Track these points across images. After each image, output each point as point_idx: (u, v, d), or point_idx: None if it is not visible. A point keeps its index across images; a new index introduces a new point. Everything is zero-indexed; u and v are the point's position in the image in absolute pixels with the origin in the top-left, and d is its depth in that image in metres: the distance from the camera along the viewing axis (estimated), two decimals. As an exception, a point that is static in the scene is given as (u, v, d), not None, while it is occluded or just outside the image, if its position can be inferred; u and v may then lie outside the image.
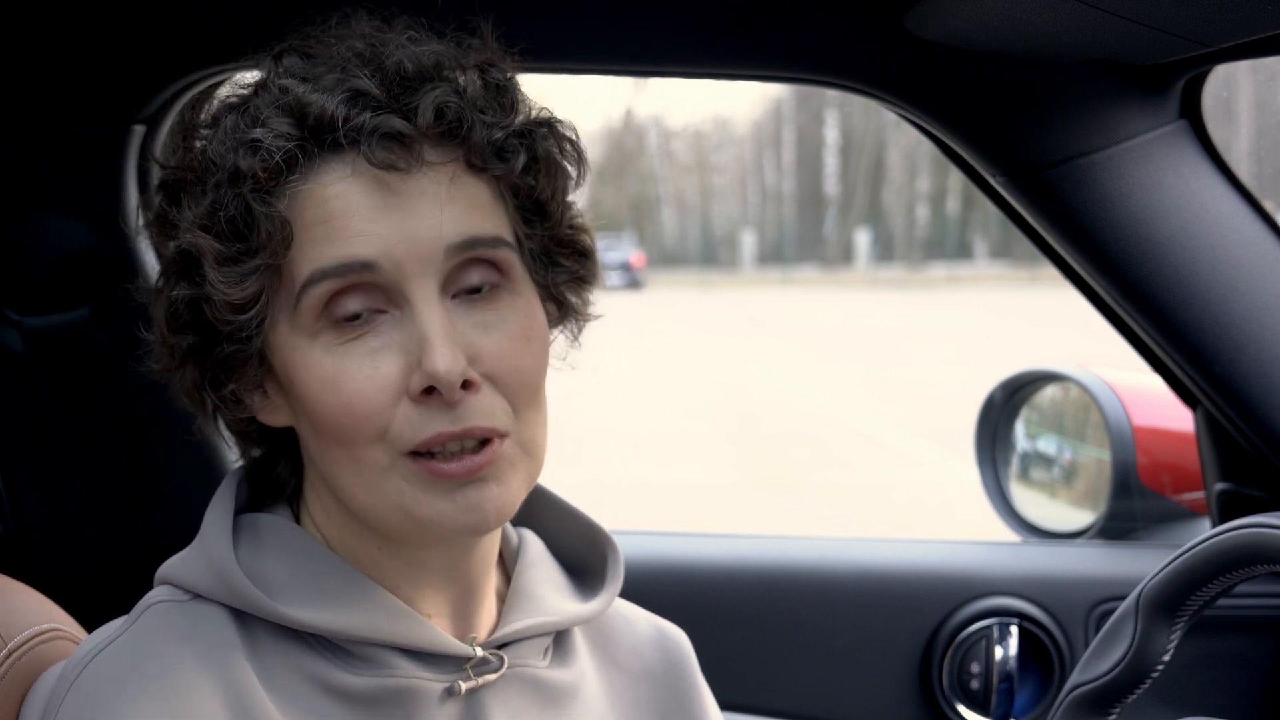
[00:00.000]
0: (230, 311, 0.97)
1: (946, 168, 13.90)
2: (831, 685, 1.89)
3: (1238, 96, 31.82)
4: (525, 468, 1.01)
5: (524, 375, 0.99)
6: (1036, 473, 2.35)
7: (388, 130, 0.94)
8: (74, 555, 1.66)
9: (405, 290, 0.95)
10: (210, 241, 0.96)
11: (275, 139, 0.94)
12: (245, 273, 0.96)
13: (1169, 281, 1.64)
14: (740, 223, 56.90)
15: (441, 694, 1.02)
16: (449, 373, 0.93)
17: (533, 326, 1.00)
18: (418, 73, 0.97)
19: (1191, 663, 1.84)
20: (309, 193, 0.95)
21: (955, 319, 25.86)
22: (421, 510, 0.97)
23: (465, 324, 0.97)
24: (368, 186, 0.95)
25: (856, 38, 1.57)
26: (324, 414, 0.96)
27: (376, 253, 0.94)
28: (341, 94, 0.95)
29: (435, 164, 0.96)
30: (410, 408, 0.95)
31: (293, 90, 0.97)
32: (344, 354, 0.95)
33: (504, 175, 1.00)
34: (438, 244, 0.95)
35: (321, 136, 0.95)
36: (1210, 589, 1.22)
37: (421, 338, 0.94)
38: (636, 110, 61.03)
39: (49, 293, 1.60)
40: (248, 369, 1.01)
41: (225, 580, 0.99)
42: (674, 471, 9.94)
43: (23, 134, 1.56)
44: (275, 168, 0.94)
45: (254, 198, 0.95)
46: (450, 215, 0.96)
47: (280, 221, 0.95)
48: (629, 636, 1.19)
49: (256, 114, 0.97)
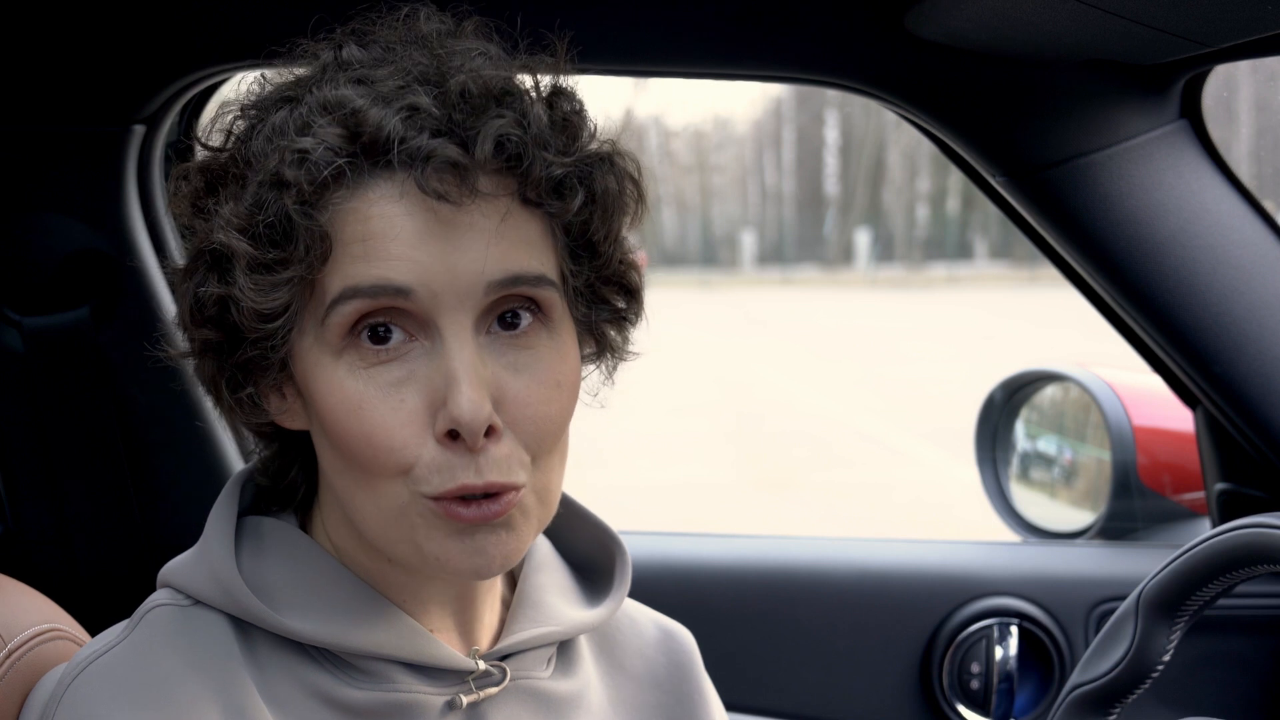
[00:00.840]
0: (257, 319, 0.93)
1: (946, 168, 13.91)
2: (831, 685, 1.89)
3: (1238, 96, 31.81)
4: (538, 514, 0.98)
5: (548, 423, 0.95)
6: (1036, 473, 2.35)
7: (444, 158, 0.89)
8: (73, 555, 1.66)
9: (438, 322, 0.91)
10: (245, 245, 0.92)
11: (325, 151, 0.90)
12: (277, 282, 0.92)
13: (1169, 281, 1.64)
14: (740, 223, 56.87)
15: (443, 708, 1.01)
16: (474, 419, 0.89)
17: (564, 371, 0.96)
18: (482, 97, 0.91)
19: (1191, 663, 1.84)
20: (354, 209, 0.91)
21: (955, 319, 25.86)
22: (431, 548, 0.95)
23: (496, 363, 0.93)
24: (414, 210, 0.90)
25: (856, 38, 1.57)
26: (344, 439, 0.93)
27: (414, 280, 0.90)
28: (399, 110, 0.90)
29: (489, 196, 0.91)
30: (436, 451, 0.91)
31: (347, 98, 0.91)
32: (368, 379, 0.92)
33: (559, 213, 0.95)
34: (479, 279, 0.91)
35: (374, 154, 0.90)
36: (1210, 589, 1.22)
37: (449, 375, 0.90)
38: (636, 110, 61.03)
39: (49, 293, 1.60)
40: (268, 374, 0.97)
41: (226, 589, 0.99)
42: (674, 471, 9.94)
43: (23, 134, 1.56)
44: (322, 183, 0.90)
45: (296, 209, 0.90)
46: (496, 252, 0.91)
47: (320, 235, 0.90)
48: (635, 640, 1.19)
49: (307, 118, 0.92)
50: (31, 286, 1.60)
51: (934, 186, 53.92)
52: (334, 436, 0.94)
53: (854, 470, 10.06)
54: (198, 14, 1.53)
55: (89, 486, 1.65)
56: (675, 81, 1.85)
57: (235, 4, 1.51)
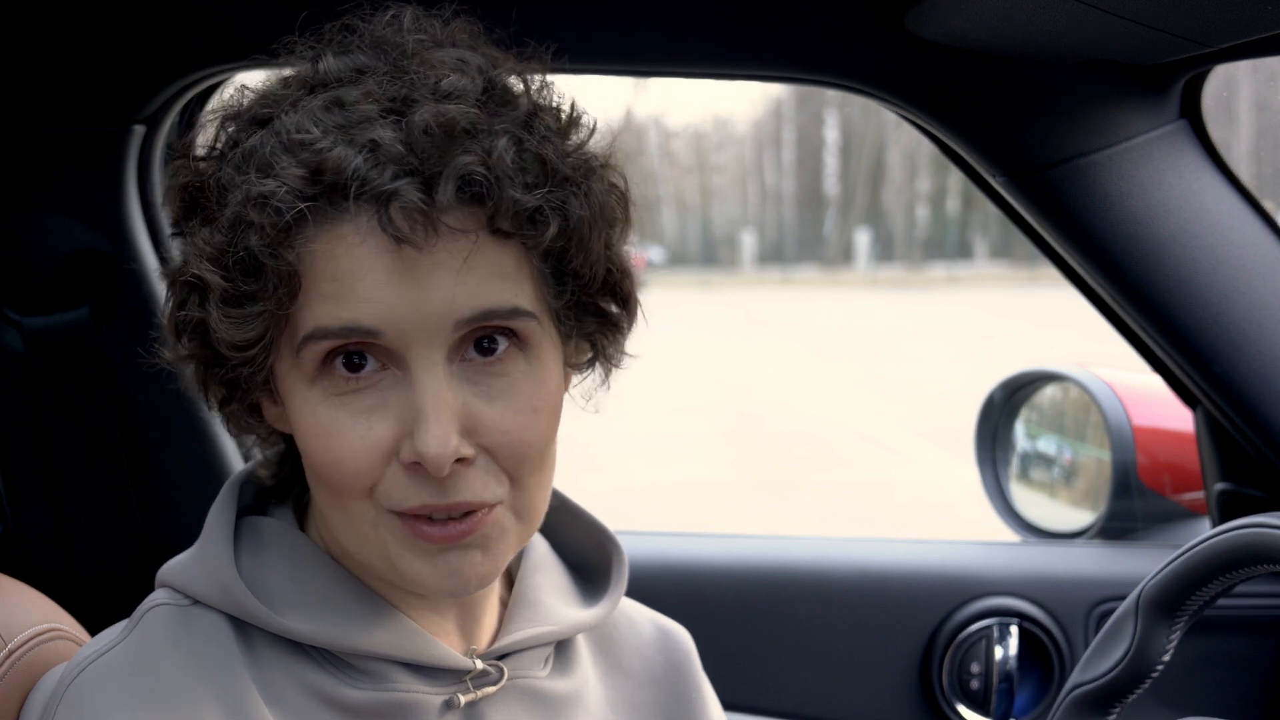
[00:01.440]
0: (232, 348, 0.95)
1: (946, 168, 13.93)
2: (831, 685, 1.89)
3: (1238, 96, 31.82)
4: (516, 532, 0.98)
5: (525, 449, 0.94)
6: (1036, 473, 2.35)
7: (406, 201, 0.88)
8: (73, 555, 1.66)
9: (407, 357, 0.91)
10: (217, 278, 0.92)
11: (286, 194, 0.89)
12: (249, 315, 0.92)
13: (1169, 281, 1.64)
14: (740, 223, 56.88)
15: (440, 707, 1.01)
16: (439, 455, 0.89)
17: (542, 397, 0.96)
18: (446, 134, 0.90)
19: (1191, 663, 1.84)
20: (322, 249, 0.91)
21: (955, 319, 25.85)
22: (403, 566, 0.95)
23: (469, 392, 0.93)
24: (380, 250, 0.89)
25: (856, 38, 1.57)
26: (314, 462, 0.95)
27: (381, 321, 0.90)
28: (361, 148, 0.89)
29: (456, 231, 0.90)
30: (400, 471, 0.92)
31: (310, 138, 0.90)
32: (339, 406, 0.92)
33: (534, 245, 0.94)
34: (448, 317, 0.91)
35: (335, 196, 0.90)
36: (1210, 589, 1.22)
37: (417, 409, 0.90)
38: (636, 110, 61.03)
39: (49, 293, 1.60)
40: (251, 390, 0.99)
41: (225, 589, 0.99)
42: (674, 471, 9.93)
43: (23, 134, 1.56)
44: (285, 226, 0.89)
45: (261, 249, 0.90)
46: (465, 289, 0.90)
47: (289, 274, 0.90)
48: (632, 639, 1.19)
49: (271, 156, 0.91)
50: (31, 286, 1.60)
51: (934, 186, 53.94)
52: (306, 458, 0.96)
53: (854, 470, 10.06)
54: (198, 14, 1.53)
55: (89, 486, 1.65)
56: (675, 81, 1.85)
57: (235, 4, 1.51)
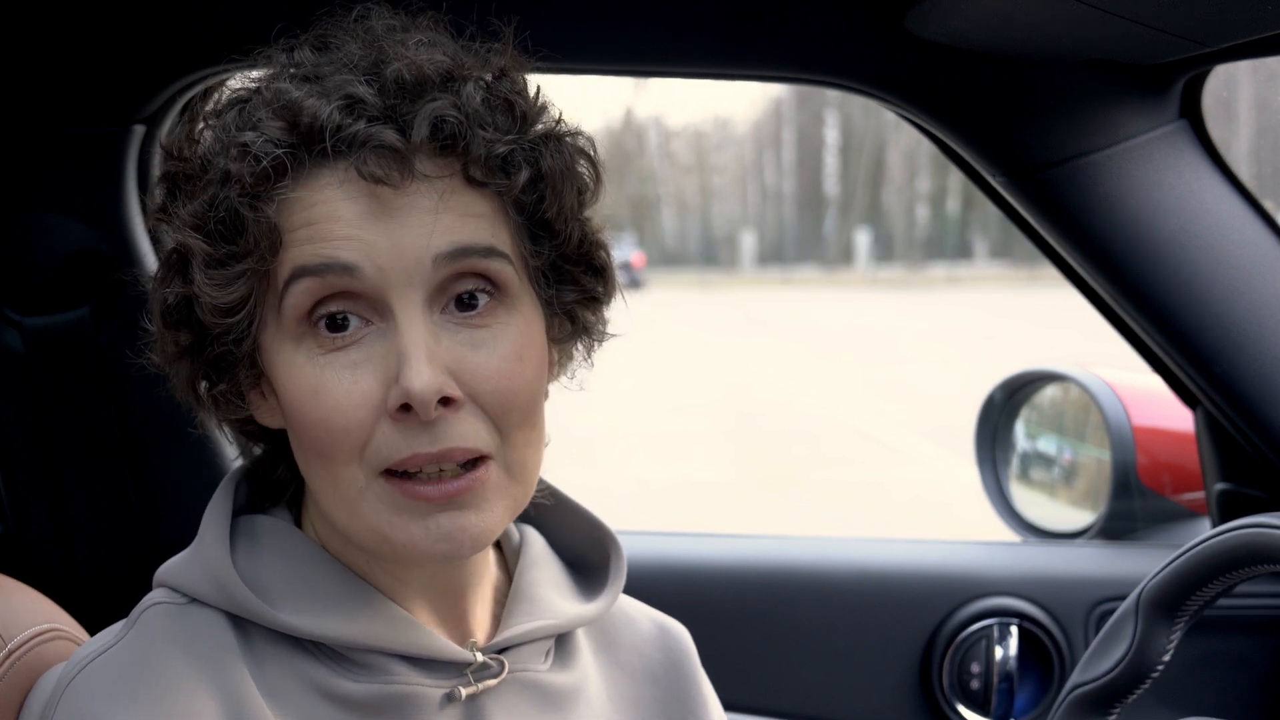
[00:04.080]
0: (217, 314, 0.96)
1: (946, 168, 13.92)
2: (831, 685, 1.89)
3: (1238, 96, 31.82)
4: (511, 493, 0.98)
5: (512, 397, 0.95)
6: (1036, 473, 2.35)
7: (380, 143, 0.91)
8: (73, 555, 1.66)
9: (389, 300, 0.93)
10: (200, 242, 0.95)
11: (265, 144, 0.92)
12: (232, 276, 0.95)
13: (1169, 281, 1.64)
14: (740, 223, 56.90)
15: (441, 700, 1.01)
16: (423, 390, 0.90)
17: (526, 345, 0.97)
18: (417, 82, 0.94)
19: (1191, 663, 1.84)
20: (299, 198, 0.94)
21: (955, 319, 25.85)
22: (395, 534, 0.95)
23: (452, 340, 0.94)
24: (357, 195, 0.93)
25: (856, 38, 1.57)
26: (304, 425, 0.95)
27: (359, 257, 0.92)
28: (337, 100, 0.93)
29: (430, 177, 0.93)
30: (389, 426, 0.93)
31: (288, 93, 0.94)
32: (325, 364, 0.93)
33: (505, 190, 0.96)
34: (425, 253, 0.93)
35: (313, 144, 0.93)
36: (1210, 589, 1.22)
37: (400, 351, 0.92)
38: (636, 110, 61.03)
39: (49, 293, 1.60)
40: (238, 370, 1.00)
41: (222, 586, 0.99)
42: (673, 470, 9.94)
43: (23, 134, 1.56)
44: (263, 173, 0.92)
45: (242, 202, 0.93)
46: (441, 226, 0.93)
47: (268, 226, 0.93)
48: (631, 636, 1.19)
49: (252, 115, 0.95)
50: (31, 286, 1.60)
51: (934, 186, 53.96)
52: (295, 423, 0.96)
53: (853, 469, 10.06)
54: (198, 14, 1.53)
55: (89, 486, 1.65)
56: (675, 81, 1.85)
57: (235, 4, 1.51)
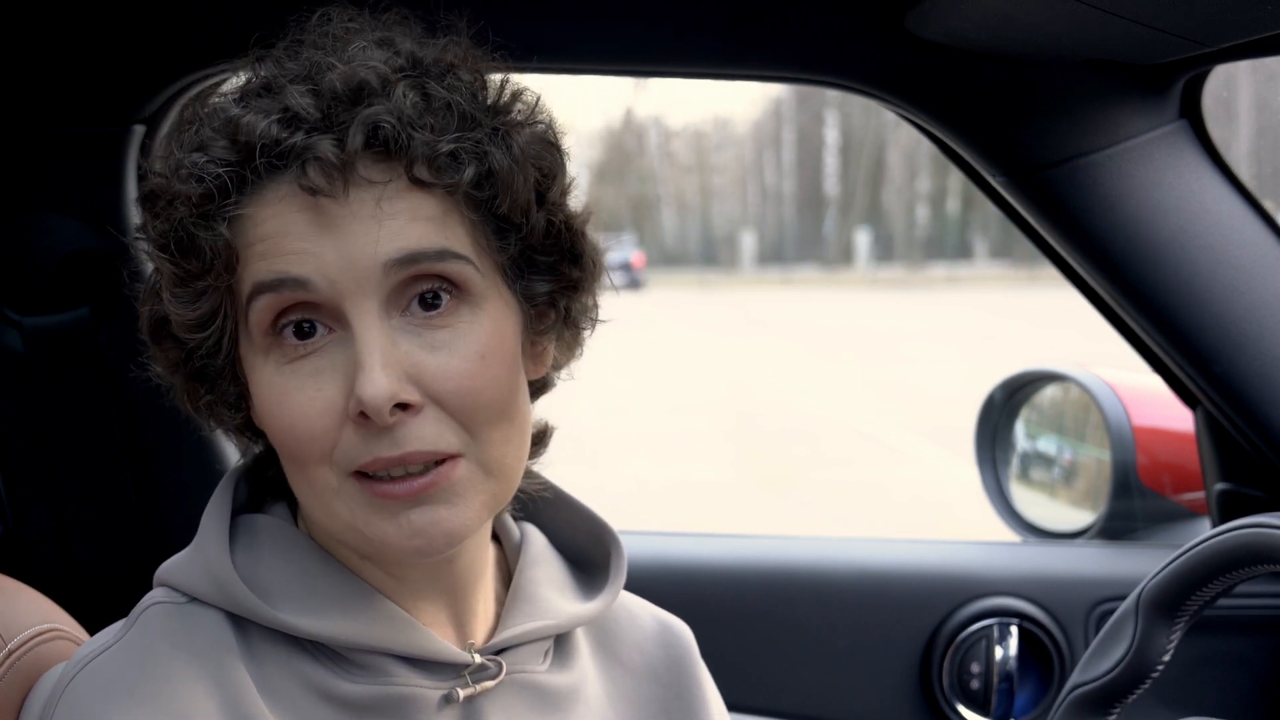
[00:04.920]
0: (187, 330, 0.98)
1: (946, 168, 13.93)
2: (831, 685, 1.89)
3: (1238, 96, 31.82)
4: (487, 488, 0.98)
5: (475, 395, 0.95)
6: (1036, 473, 2.35)
7: (317, 154, 0.92)
8: (73, 555, 1.66)
9: (343, 310, 0.94)
10: (165, 263, 0.97)
11: (207, 164, 0.94)
12: (195, 294, 0.97)
13: (1169, 281, 1.64)
14: (740, 223, 56.90)
15: (439, 701, 1.01)
16: (375, 397, 0.90)
17: (489, 344, 0.97)
18: (353, 89, 0.94)
19: (1191, 663, 1.84)
20: (250, 215, 0.95)
21: (955, 319, 25.85)
22: (370, 531, 0.96)
23: (411, 343, 0.94)
24: (303, 207, 0.93)
25: (856, 38, 1.57)
26: (273, 432, 0.97)
27: (310, 271, 0.93)
28: (275, 115, 0.94)
29: (375, 184, 0.94)
30: (352, 430, 0.94)
31: (228, 113, 0.96)
32: (290, 373, 0.95)
33: (453, 189, 0.96)
34: (374, 261, 0.93)
35: (254, 160, 0.94)
36: (1210, 589, 1.22)
37: (356, 359, 0.93)
38: (636, 110, 61.04)
39: (49, 293, 1.60)
40: (221, 381, 1.02)
41: (221, 585, 0.99)
42: (674, 470, 9.94)
43: (23, 134, 1.56)
44: (207, 193, 0.94)
45: (194, 222, 0.95)
46: (388, 232, 0.93)
47: (223, 244, 0.94)
48: (633, 632, 1.19)
49: (199, 135, 0.97)
50: (31, 286, 1.60)
51: (934, 186, 53.96)
52: (268, 430, 0.98)
53: (853, 469, 10.06)
54: (198, 14, 1.53)
55: (89, 486, 1.65)
56: (675, 81, 1.85)
57: (235, 4, 1.51)
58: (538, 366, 1.07)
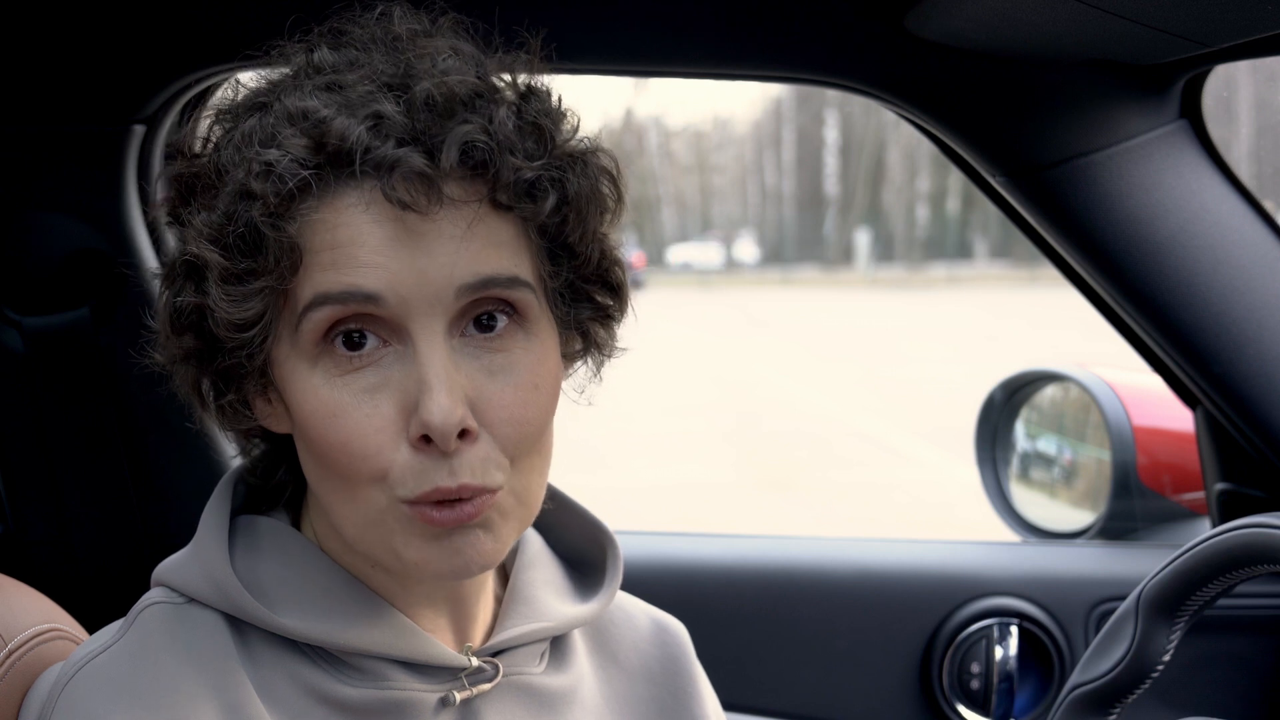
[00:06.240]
0: (231, 329, 0.93)
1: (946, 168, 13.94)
2: (831, 685, 1.89)
3: (1238, 96, 31.82)
4: (518, 515, 0.98)
5: (525, 427, 0.94)
6: (1036, 473, 2.35)
7: (409, 167, 0.89)
8: (73, 555, 1.66)
9: (409, 327, 0.91)
10: (217, 256, 0.92)
11: (290, 163, 0.90)
12: (249, 293, 0.92)
13: (1169, 281, 1.64)
14: (740, 223, 56.90)
15: (436, 705, 1.01)
16: (445, 424, 0.89)
17: (542, 374, 0.96)
18: (447, 102, 0.91)
19: (1191, 663, 1.84)
20: (322, 219, 0.91)
21: (955, 319, 25.85)
22: (409, 553, 0.95)
23: (471, 366, 0.93)
24: (382, 219, 0.90)
25: (856, 38, 1.57)
26: (321, 446, 0.93)
27: (383, 286, 0.90)
28: (364, 119, 0.90)
29: (458, 202, 0.91)
30: (410, 455, 0.92)
31: (313, 110, 0.92)
32: (343, 386, 0.92)
33: (531, 216, 0.94)
34: (449, 284, 0.91)
35: (340, 166, 0.90)
36: (1210, 589, 1.22)
37: (421, 380, 0.90)
38: (636, 110, 61.02)
39: (49, 293, 1.60)
40: (248, 381, 0.98)
41: (220, 587, 0.99)
42: (674, 471, 9.94)
43: (23, 134, 1.56)
44: (288, 194, 0.90)
45: (264, 221, 0.90)
46: (466, 255, 0.91)
47: (290, 245, 0.91)
48: (629, 633, 1.19)
49: (274, 128, 0.92)
50: (31, 286, 1.60)
51: (934, 186, 53.96)
52: (311, 443, 0.95)
53: (854, 470, 10.06)
54: (198, 14, 1.53)
55: (89, 486, 1.65)
56: (675, 81, 1.85)
57: (236, 4, 1.51)
58: None
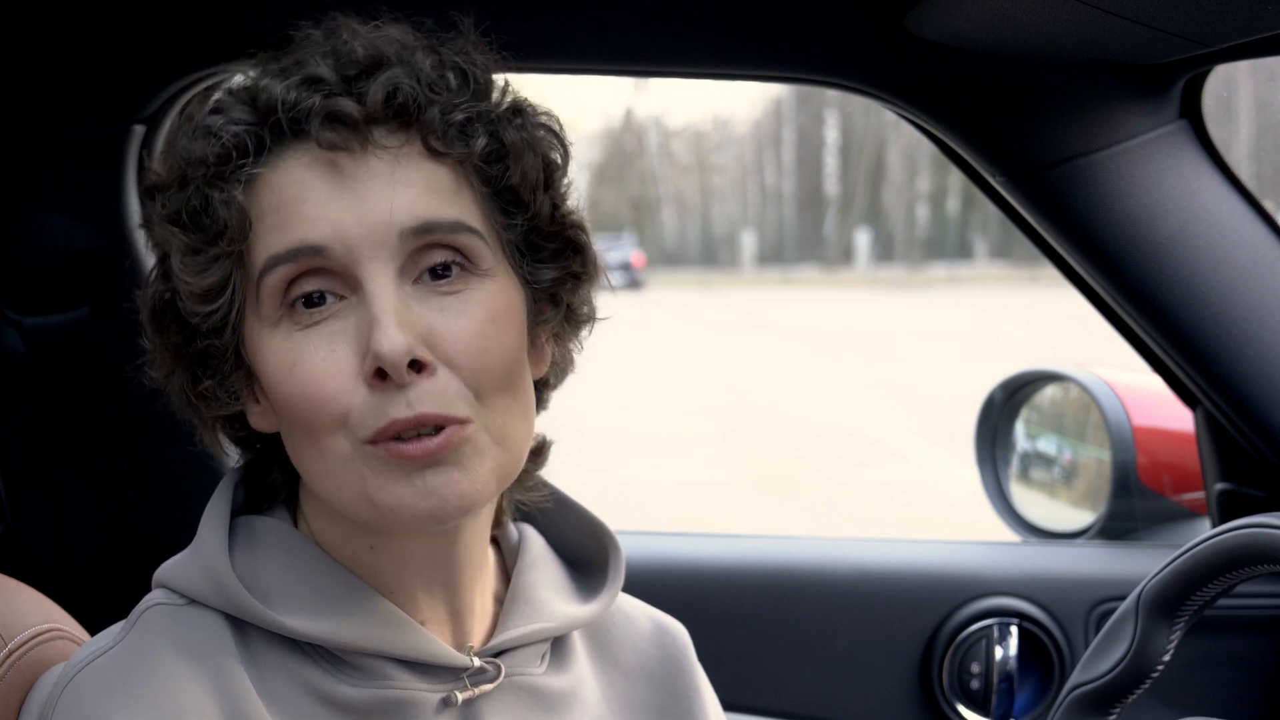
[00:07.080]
0: (196, 302, 0.98)
1: (946, 168, 13.93)
2: (831, 685, 1.89)
3: (1238, 96, 31.81)
4: (494, 456, 0.98)
5: (485, 357, 0.96)
6: (1036, 473, 2.35)
7: (335, 112, 0.94)
8: (73, 555, 1.66)
9: (358, 273, 0.94)
10: (176, 234, 0.98)
11: (226, 123, 0.96)
12: (207, 261, 0.97)
13: (1169, 281, 1.64)
14: (740, 223, 56.90)
15: (437, 705, 1.01)
16: (393, 352, 0.91)
17: (497, 309, 0.98)
18: (371, 57, 0.97)
19: (1191, 663, 1.84)
20: (266, 181, 0.96)
21: (955, 319, 25.86)
22: (382, 496, 0.95)
23: (423, 307, 0.95)
24: (321, 173, 0.95)
25: (856, 38, 1.57)
26: (284, 399, 0.96)
27: (327, 237, 0.94)
28: (295, 80, 0.96)
29: (388, 147, 0.96)
30: (367, 394, 0.94)
31: (254, 83, 0.99)
32: (302, 338, 0.95)
33: (465, 159, 0.98)
34: (390, 227, 0.94)
35: (272, 120, 0.96)
36: (1210, 589, 1.22)
37: (371, 318, 0.93)
38: (636, 110, 61.03)
39: (49, 293, 1.60)
40: (223, 364, 1.01)
41: (221, 587, 0.99)
42: (674, 471, 9.94)
43: (23, 134, 1.56)
44: (226, 154, 0.95)
45: (209, 186, 0.96)
46: (404, 199, 0.95)
47: (237, 209, 0.95)
48: (629, 634, 1.19)
49: (219, 105, 1.00)
50: (31, 286, 1.60)
51: (934, 186, 53.95)
52: (278, 403, 0.98)
53: (854, 470, 10.06)
54: (197, 14, 1.53)
55: (89, 486, 1.65)
56: (675, 81, 1.85)
57: (235, 4, 1.51)
58: (538, 365, 1.07)
